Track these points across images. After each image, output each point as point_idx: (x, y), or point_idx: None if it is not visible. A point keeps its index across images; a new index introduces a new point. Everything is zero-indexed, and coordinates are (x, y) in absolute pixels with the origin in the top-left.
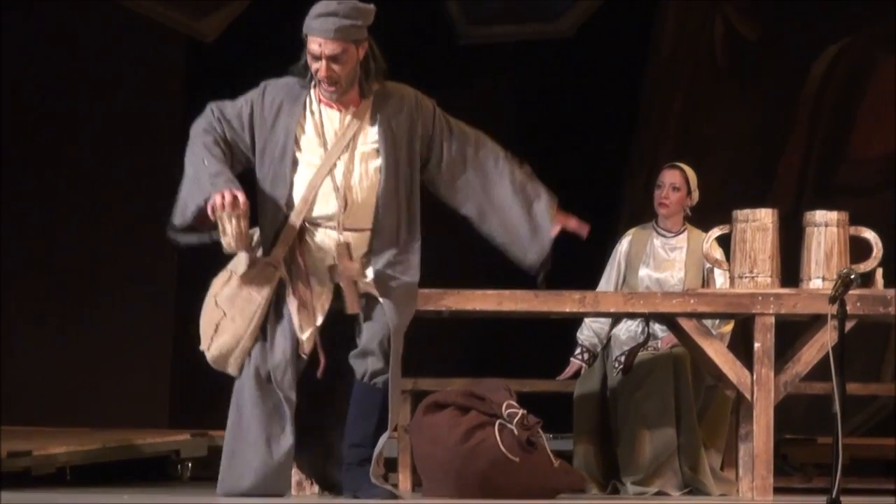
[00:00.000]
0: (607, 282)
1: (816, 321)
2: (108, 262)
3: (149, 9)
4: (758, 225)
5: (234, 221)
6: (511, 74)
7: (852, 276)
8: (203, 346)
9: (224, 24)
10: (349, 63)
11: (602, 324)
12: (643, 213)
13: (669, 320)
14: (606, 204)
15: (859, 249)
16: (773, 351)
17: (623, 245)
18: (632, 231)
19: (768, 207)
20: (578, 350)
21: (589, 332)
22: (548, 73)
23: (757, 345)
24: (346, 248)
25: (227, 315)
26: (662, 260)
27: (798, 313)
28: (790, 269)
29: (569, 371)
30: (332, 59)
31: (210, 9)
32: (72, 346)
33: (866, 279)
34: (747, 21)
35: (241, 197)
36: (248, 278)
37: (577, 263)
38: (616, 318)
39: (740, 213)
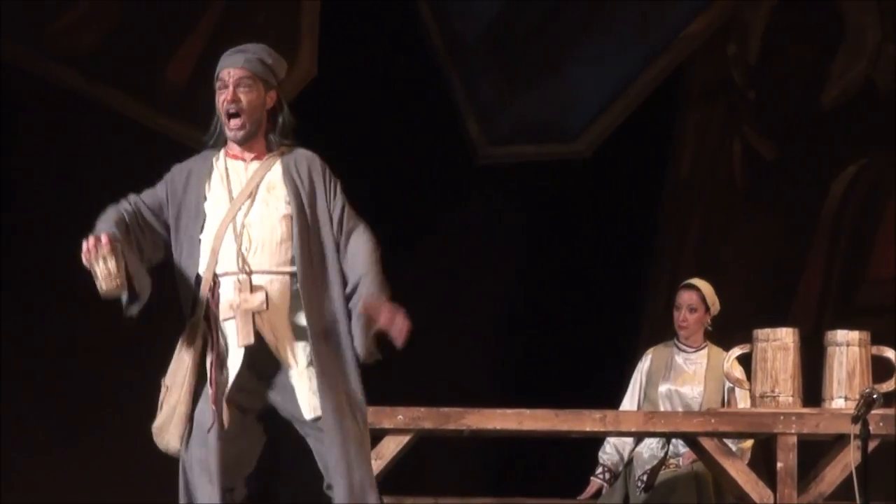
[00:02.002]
0: (630, 400)
1: (839, 441)
2: (117, 388)
3: (168, 128)
4: (779, 344)
5: (100, 263)
6: (529, 194)
7: (875, 396)
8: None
9: None
10: (255, 97)
11: (624, 442)
12: (664, 333)
13: (691, 439)
14: (626, 324)
15: (881, 369)
16: (795, 471)
17: (645, 363)
18: (653, 349)
19: (789, 327)
20: (600, 469)
21: (611, 450)
22: (566, 193)
23: (780, 464)
24: (247, 281)
25: (167, 389)
26: (682, 373)
27: (821, 433)
28: (812, 388)
29: (590, 490)
30: (237, 84)
31: None
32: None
33: (889, 399)
34: (765, 142)
35: (103, 238)
36: (179, 344)
37: (598, 382)
38: (639, 438)
39: (761, 333)
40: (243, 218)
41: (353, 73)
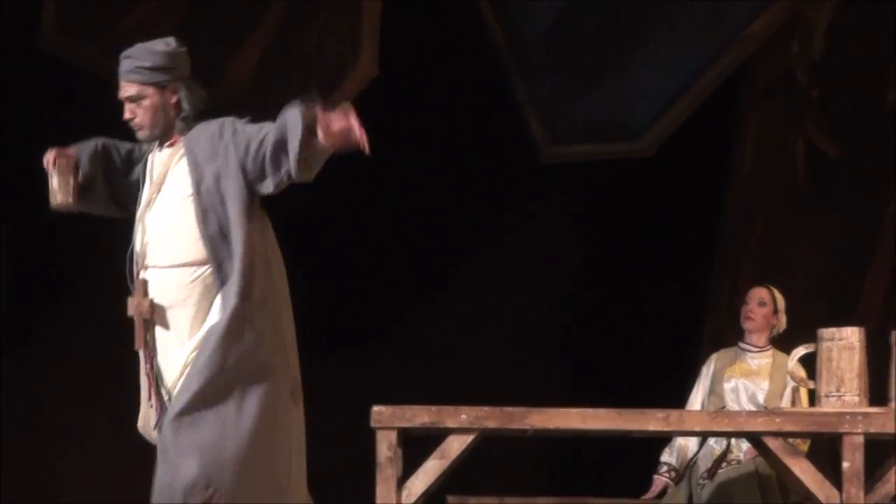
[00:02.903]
0: (694, 401)
1: None
2: None
3: None
4: (844, 344)
5: (56, 176)
6: (592, 193)
7: None
8: None
9: None
10: (149, 104)
11: (688, 442)
12: (726, 332)
13: (755, 439)
14: (689, 324)
15: None
16: (862, 471)
17: (710, 366)
18: (716, 353)
19: (854, 326)
20: (664, 468)
21: (675, 450)
22: (628, 192)
23: (846, 464)
24: (143, 284)
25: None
26: (749, 369)
27: (887, 432)
28: (878, 388)
29: (654, 489)
30: (128, 100)
31: None
32: None
33: None
34: (829, 140)
35: (68, 151)
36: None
37: (659, 382)
38: (703, 439)
39: (826, 332)
40: (146, 211)
41: (415, 74)
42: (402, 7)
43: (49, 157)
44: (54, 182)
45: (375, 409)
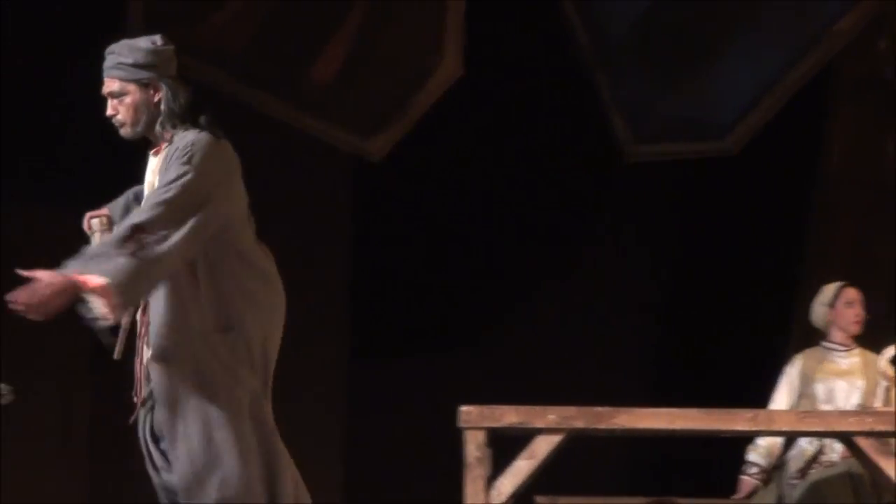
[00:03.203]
0: (782, 402)
1: None
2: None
3: (316, 128)
4: None
5: (96, 235)
6: (677, 192)
7: None
8: None
9: (391, 143)
10: (130, 102)
11: (775, 442)
12: (814, 332)
13: (846, 439)
14: (776, 324)
15: None
16: None
17: (795, 367)
18: (800, 354)
19: None
20: (754, 469)
21: (763, 449)
22: (713, 191)
23: None
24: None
25: None
26: (840, 369)
27: None
28: None
29: (744, 490)
30: (111, 96)
31: (377, 128)
32: None
33: None
34: None
35: (101, 211)
36: None
37: (747, 382)
38: (790, 440)
39: None
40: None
41: (499, 73)
42: (486, 6)
43: (86, 222)
44: (95, 241)
45: (463, 409)
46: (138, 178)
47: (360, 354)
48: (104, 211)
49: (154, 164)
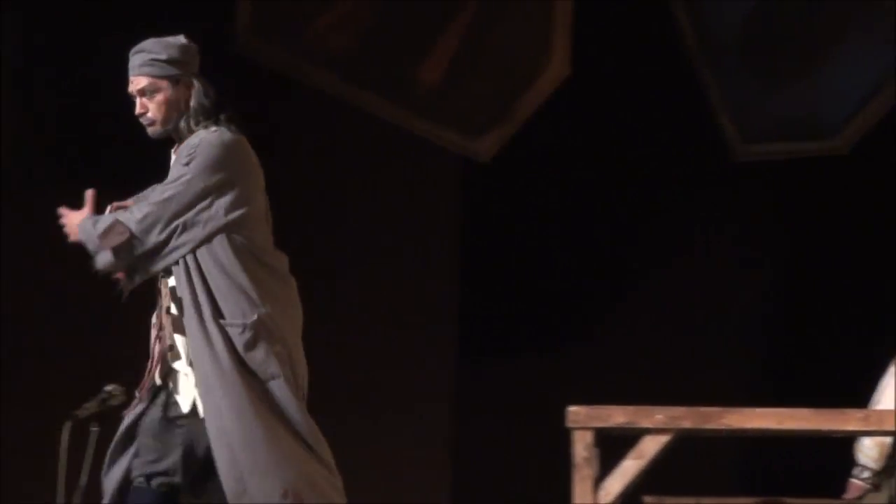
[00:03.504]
0: (880, 401)
1: None
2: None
3: (424, 129)
4: None
5: None
6: (786, 192)
7: None
8: None
9: (499, 143)
10: (162, 99)
11: (884, 441)
12: None
13: None
14: (885, 323)
15: None
16: None
17: None
18: None
19: None
20: (867, 473)
21: (871, 450)
22: (823, 191)
23: None
24: (170, 293)
25: None
26: None
27: None
28: None
29: (853, 491)
30: (141, 93)
31: (485, 128)
32: None
33: None
34: None
35: (125, 203)
36: None
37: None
38: None
39: None
40: None
41: (606, 73)
42: (594, 6)
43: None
44: None
45: (571, 409)
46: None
47: (468, 354)
48: (129, 202)
49: (173, 160)
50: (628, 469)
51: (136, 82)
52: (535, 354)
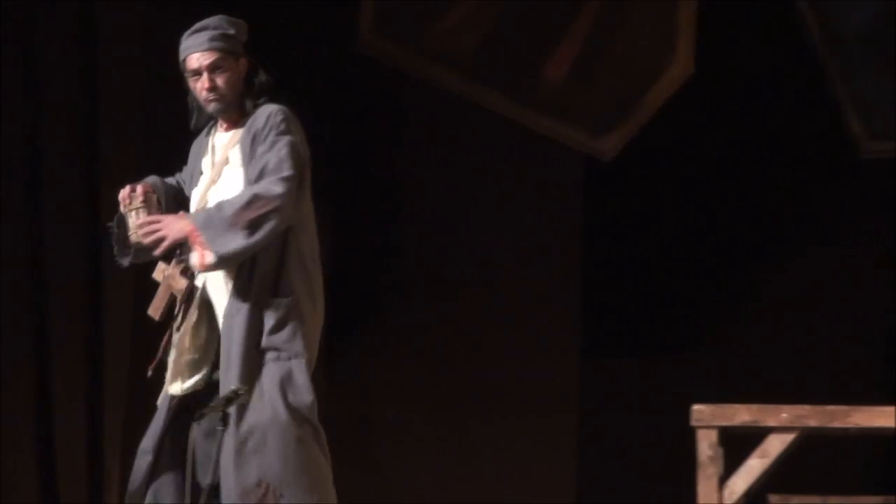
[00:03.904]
0: None
1: None
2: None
3: (547, 127)
4: None
5: (133, 215)
6: None
7: None
8: None
9: (623, 142)
10: (231, 75)
11: None
12: None
13: None
14: None
15: None
16: None
17: None
18: None
19: None
20: None
21: None
22: None
23: None
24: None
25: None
26: None
27: None
28: None
29: None
30: (211, 69)
31: (608, 127)
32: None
33: None
34: None
35: (139, 188)
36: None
37: None
38: None
39: None
40: (206, 193)
41: (730, 70)
42: (718, 3)
43: (123, 196)
44: (131, 221)
45: (696, 408)
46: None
47: (591, 354)
48: (148, 184)
49: (225, 139)
50: (753, 468)
51: (205, 56)
52: (658, 354)
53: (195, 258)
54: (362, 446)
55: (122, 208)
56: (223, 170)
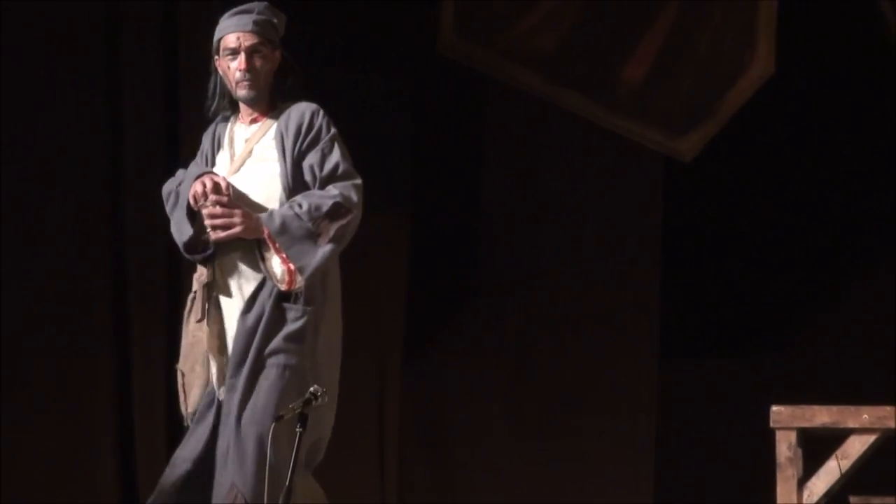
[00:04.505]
0: None
1: None
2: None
3: (626, 128)
4: None
5: (208, 209)
6: None
7: None
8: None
9: (702, 142)
10: (266, 63)
11: None
12: None
13: None
14: None
15: None
16: None
17: None
18: None
19: None
20: None
21: None
22: None
23: None
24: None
25: (187, 372)
26: None
27: None
28: None
29: None
30: (251, 51)
31: (688, 127)
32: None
33: None
34: None
35: (222, 182)
36: (186, 321)
37: None
38: None
39: None
40: (240, 182)
41: (811, 71)
42: (799, 3)
43: (199, 191)
44: (210, 216)
45: (774, 409)
46: None
47: (670, 356)
48: (227, 185)
49: (248, 132)
50: (832, 469)
51: (245, 38)
52: (737, 354)
53: (280, 272)
54: (440, 451)
55: (200, 200)
56: (245, 163)
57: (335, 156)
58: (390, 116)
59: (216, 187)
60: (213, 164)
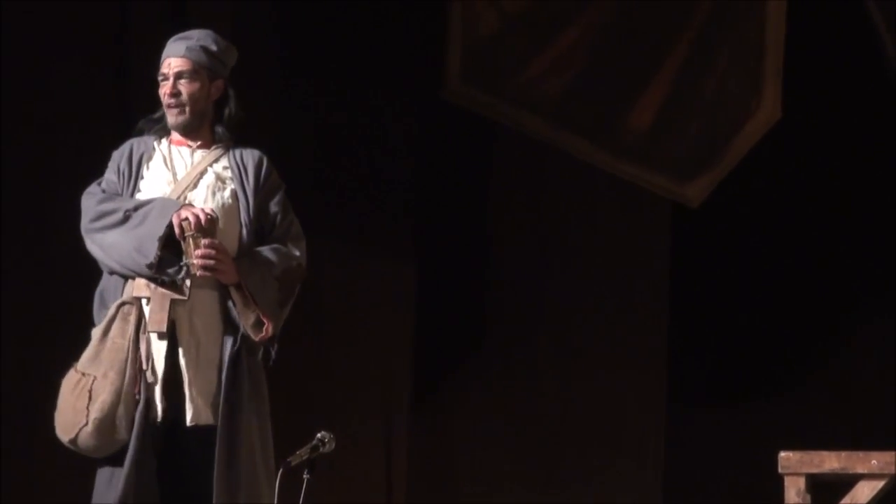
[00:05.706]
0: None
1: None
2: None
3: (633, 174)
4: None
5: (201, 243)
6: None
7: None
8: (72, 434)
9: (709, 188)
10: (196, 89)
11: None
12: None
13: None
14: None
15: None
16: None
17: None
18: None
19: None
20: None
21: None
22: None
23: None
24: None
25: (96, 376)
26: None
27: None
28: None
29: None
30: (178, 76)
31: (695, 173)
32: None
33: None
34: None
35: (214, 215)
36: (106, 328)
37: None
38: None
39: None
40: (184, 201)
41: (818, 116)
42: (805, 50)
43: (193, 222)
44: (191, 251)
45: (783, 454)
46: None
47: (678, 400)
48: (207, 210)
49: (195, 157)
50: None
51: (177, 64)
52: (745, 400)
53: (253, 322)
54: (448, 496)
55: (188, 231)
56: (198, 183)
57: (291, 213)
58: (395, 162)
59: (211, 225)
60: (139, 179)
